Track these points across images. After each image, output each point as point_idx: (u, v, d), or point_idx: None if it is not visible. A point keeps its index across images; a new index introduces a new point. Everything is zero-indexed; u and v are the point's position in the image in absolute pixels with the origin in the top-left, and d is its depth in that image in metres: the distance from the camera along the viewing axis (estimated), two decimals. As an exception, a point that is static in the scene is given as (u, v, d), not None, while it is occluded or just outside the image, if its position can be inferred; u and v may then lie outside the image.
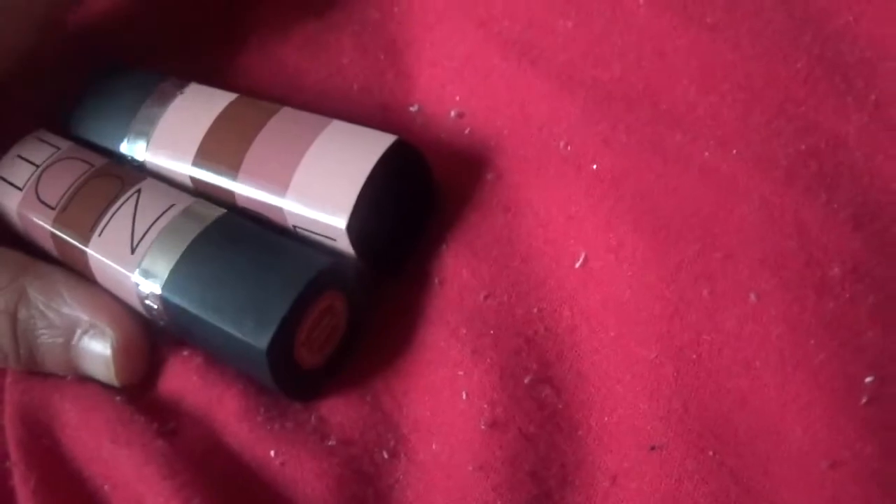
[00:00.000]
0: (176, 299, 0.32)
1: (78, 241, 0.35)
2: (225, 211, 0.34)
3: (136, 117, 0.38)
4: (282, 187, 0.33)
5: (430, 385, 0.33)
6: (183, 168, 0.36)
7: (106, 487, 0.32)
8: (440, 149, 0.36)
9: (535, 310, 0.32)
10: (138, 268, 0.33)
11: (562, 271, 0.33)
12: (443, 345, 0.33)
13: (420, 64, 0.39)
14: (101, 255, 0.34)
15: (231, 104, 0.36)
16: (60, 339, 0.34)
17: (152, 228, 0.34)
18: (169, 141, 0.37)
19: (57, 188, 0.36)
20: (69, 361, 0.35)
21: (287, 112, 0.35)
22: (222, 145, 0.35)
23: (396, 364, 0.34)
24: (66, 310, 0.34)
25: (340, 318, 0.33)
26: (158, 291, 0.33)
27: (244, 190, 0.34)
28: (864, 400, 0.28)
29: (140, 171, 0.37)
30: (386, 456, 0.32)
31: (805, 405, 0.28)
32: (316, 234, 0.33)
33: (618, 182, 0.32)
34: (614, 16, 0.36)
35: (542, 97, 0.35)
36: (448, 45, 0.38)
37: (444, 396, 0.32)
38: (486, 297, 0.33)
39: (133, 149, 0.37)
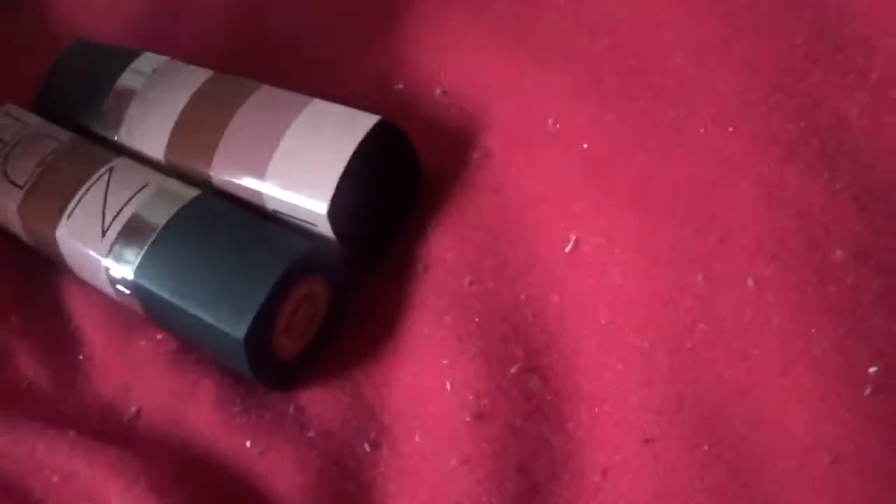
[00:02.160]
0: (149, 285, 0.31)
1: (46, 225, 0.34)
2: (200, 192, 0.33)
3: (109, 94, 0.36)
4: (260, 171, 0.32)
5: (412, 374, 0.31)
6: (157, 149, 0.35)
7: (55, 478, 0.31)
8: (425, 127, 0.35)
9: (523, 296, 0.31)
10: (110, 252, 0.32)
11: (551, 255, 0.31)
12: (426, 332, 0.32)
13: (404, 40, 0.38)
14: (71, 239, 0.33)
15: (208, 81, 0.35)
16: None
17: (124, 210, 0.32)
18: (143, 119, 0.35)
19: (25, 166, 0.35)
20: None
21: (265, 90, 0.34)
22: (198, 125, 0.34)
23: (378, 353, 0.32)
24: None
25: (321, 304, 0.32)
26: (130, 277, 0.31)
27: (221, 173, 0.33)
28: (868, 391, 0.27)
29: (112, 150, 0.35)
30: (367, 448, 0.31)
31: (806, 396, 0.27)
32: (296, 218, 0.32)
33: (609, 161, 0.31)
34: (606, -10, 0.35)
35: (530, 73, 0.34)
36: (432, 21, 0.37)
37: (427, 386, 0.31)
38: (471, 283, 0.32)
39: (105, 126, 0.36)
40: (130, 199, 0.33)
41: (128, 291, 0.32)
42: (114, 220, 0.32)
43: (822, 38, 0.32)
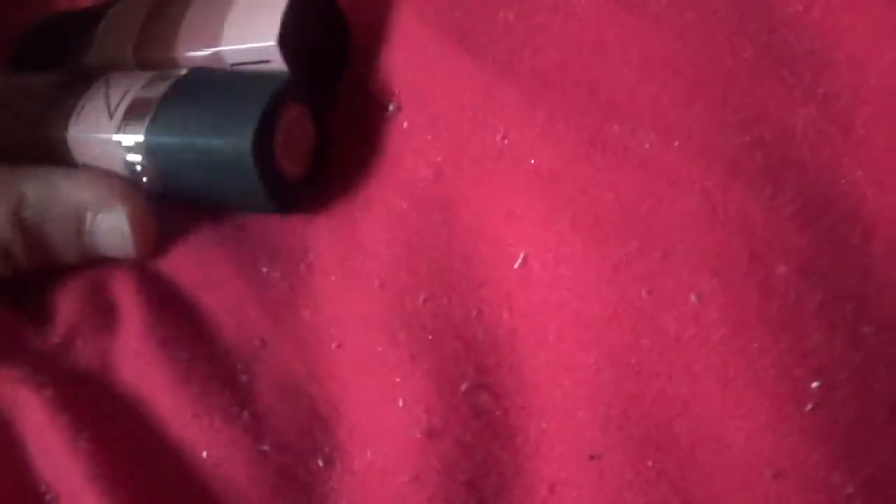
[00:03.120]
0: (160, 138, 0.34)
1: (57, 131, 0.36)
2: (188, 69, 0.36)
3: (78, 38, 0.39)
4: (216, 38, 0.36)
5: (366, 392, 0.31)
6: (126, 52, 0.38)
7: (48, 497, 0.31)
8: (378, 144, 0.35)
9: (475, 312, 0.31)
10: (119, 127, 0.35)
11: (501, 272, 0.31)
12: (380, 350, 0.32)
13: (355, 54, 0.38)
14: (81, 134, 0.36)
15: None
16: (73, 226, 0.35)
17: (126, 96, 0.35)
18: (108, 36, 0.39)
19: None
20: (83, 247, 0.35)
21: None
22: (159, 23, 0.38)
23: (333, 369, 0.33)
24: (69, 197, 0.35)
25: (309, 134, 0.35)
26: (142, 138, 0.34)
27: (185, 51, 0.37)
28: (809, 406, 0.27)
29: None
30: (321, 464, 0.31)
31: (748, 412, 0.27)
32: (253, 62, 0.35)
33: (556, 177, 0.31)
34: (556, 5, 0.35)
35: (480, 88, 0.34)
36: (385, 35, 0.37)
37: (380, 404, 0.31)
38: (425, 301, 0.32)
39: (77, 58, 0.39)
40: (129, 91, 0.36)
41: (139, 157, 0.35)
42: (117, 106, 0.35)
43: (769, 52, 0.32)
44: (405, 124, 0.35)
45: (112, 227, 0.35)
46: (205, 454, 0.31)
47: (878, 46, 0.31)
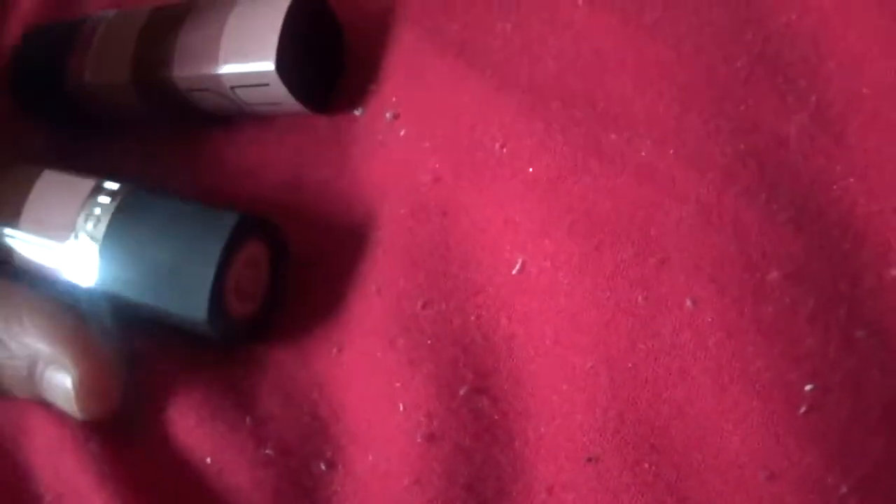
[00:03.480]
0: (109, 289, 0.33)
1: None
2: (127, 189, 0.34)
3: (73, 51, 0.40)
4: (214, 60, 0.36)
5: (367, 396, 0.32)
6: (122, 73, 0.38)
7: (48, 498, 0.32)
8: (375, 151, 0.36)
9: (473, 317, 0.32)
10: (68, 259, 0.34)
11: (499, 278, 0.32)
12: (380, 356, 0.32)
13: (354, 62, 0.38)
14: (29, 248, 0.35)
15: (152, 11, 0.39)
16: (24, 371, 0.32)
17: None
18: (105, 60, 0.39)
19: None
20: (34, 392, 0.33)
21: (200, 3, 0.38)
22: (154, 43, 0.38)
23: (334, 374, 0.33)
24: (27, 340, 0.32)
25: (263, 266, 0.34)
26: (91, 283, 0.33)
27: (181, 72, 0.37)
28: (803, 409, 0.27)
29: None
30: (323, 467, 0.31)
31: (743, 415, 0.27)
32: (251, 85, 0.35)
33: (554, 184, 0.32)
34: (553, 17, 0.35)
35: (478, 97, 0.34)
36: (383, 44, 0.37)
37: (381, 408, 0.31)
38: (423, 306, 0.32)
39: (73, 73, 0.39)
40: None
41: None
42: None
43: (763, 61, 0.32)
44: (402, 132, 0.35)
45: (58, 388, 0.32)
46: (209, 460, 0.31)
47: (870, 55, 0.31)
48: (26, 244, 0.34)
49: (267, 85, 0.35)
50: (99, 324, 0.33)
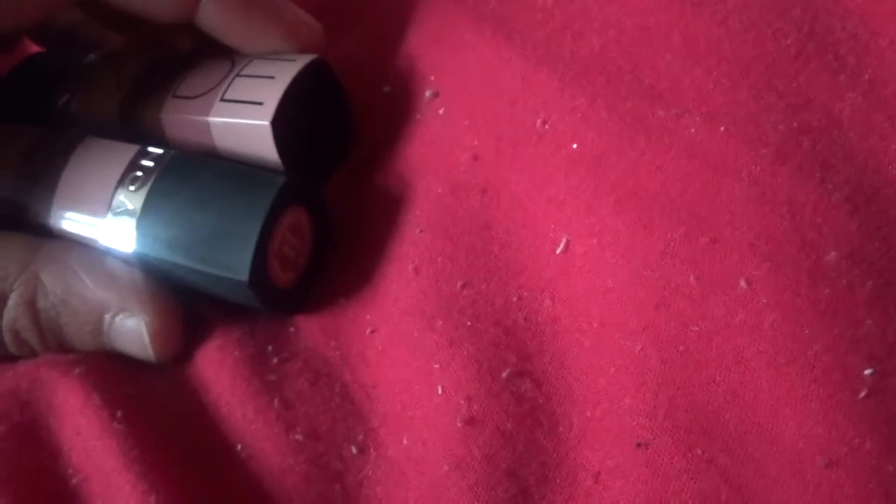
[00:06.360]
0: (148, 254, 0.33)
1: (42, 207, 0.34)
2: (171, 153, 0.34)
3: (66, 80, 0.38)
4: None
5: (402, 378, 0.31)
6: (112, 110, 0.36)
7: (75, 480, 0.30)
8: (414, 130, 0.35)
9: (515, 298, 0.31)
10: (108, 226, 0.33)
11: (542, 257, 0.31)
12: (417, 336, 0.31)
13: (390, 40, 0.38)
14: (68, 216, 0.34)
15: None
16: (88, 327, 0.33)
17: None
18: (95, 91, 0.37)
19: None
20: (101, 344, 0.33)
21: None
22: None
23: (367, 354, 0.32)
24: (90, 293, 0.33)
25: (306, 235, 0.34)
26: (130, 250, 0.33)
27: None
28: (862, 393, 0.26)
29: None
30: (354, 451, 0.30)
31: (800, 399, 0.27)
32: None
33: (599, 161, 0.31)
34: (595, -11, 0.34)
35: (518, 73, 0.33)
36: (419, 21, 0.37)
37: (417, 390, 0.30)
38: (463, 286, 0.31)
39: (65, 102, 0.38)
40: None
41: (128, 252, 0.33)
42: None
43: (813, 37, 0.32)
44: (441, 110, 0.35)
45: (131, 333, 0.33)
46: (239, 447, 0.31)
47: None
48: (67, 203, 0.34)
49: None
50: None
